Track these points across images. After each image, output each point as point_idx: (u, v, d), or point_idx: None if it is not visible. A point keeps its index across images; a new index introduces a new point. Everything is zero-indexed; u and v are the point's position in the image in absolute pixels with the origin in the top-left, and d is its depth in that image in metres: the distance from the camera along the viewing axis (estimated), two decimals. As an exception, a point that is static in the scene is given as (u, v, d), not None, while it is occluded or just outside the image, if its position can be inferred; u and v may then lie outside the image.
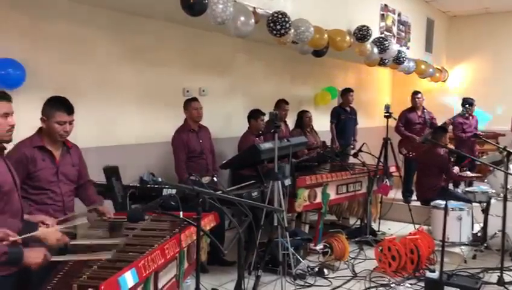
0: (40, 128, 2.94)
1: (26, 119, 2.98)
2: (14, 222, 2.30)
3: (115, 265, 2.29)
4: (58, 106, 2.85)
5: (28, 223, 2.40)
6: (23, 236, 2.25)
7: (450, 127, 7.05)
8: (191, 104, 4.80)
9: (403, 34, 7.90)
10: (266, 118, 5.36)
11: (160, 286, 2.57)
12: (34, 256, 2.16)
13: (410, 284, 4.38)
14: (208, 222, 3.20)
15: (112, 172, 3.62)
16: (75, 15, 4.29)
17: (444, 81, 9.49)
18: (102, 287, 1.94)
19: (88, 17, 4.40)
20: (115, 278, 2.05)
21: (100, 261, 2.33)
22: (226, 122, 5.99)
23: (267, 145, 4.32)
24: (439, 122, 6.95)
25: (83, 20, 4.36)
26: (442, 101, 9.30)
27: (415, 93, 7.12)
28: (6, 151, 2.59)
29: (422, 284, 4.25)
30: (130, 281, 2.13)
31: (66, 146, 3.01)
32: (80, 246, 2.46)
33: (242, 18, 4.23)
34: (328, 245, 4.88)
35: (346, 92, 7.14)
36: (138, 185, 3.92)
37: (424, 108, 7.13)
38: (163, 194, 3.65)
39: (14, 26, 3.86)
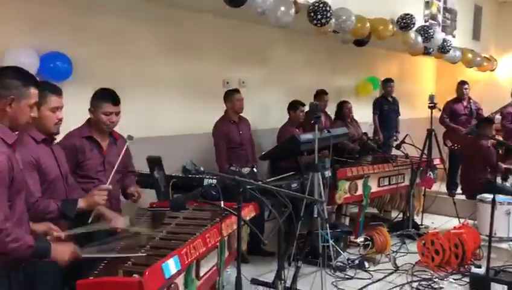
0: (89, 119, 3.04)
1: (72, 111, 3.08)
2: (54, 203, 2.40)
3: (159, 252, 2.34)
4: (104, 97, 2.95)
5: (67, 202, 2.49)
6: (68, 232, 2.32)
7: (498, 117, 6.79)
8: (233, 96, 4.82)
9: (449, 21, 7.65)
10: (306, 109, 5.33)
11: (201, 273, 2.61)
12: (61, 251, 2.14)
13: (454, 279, 4.27)
14: (248, 212, 3.22)
15: (155, 162, 3.69)
16: (119, 9, 4.39)
17: (492, 70, 9.11)
18: (147, 273, 1.99)
19: (131, 11, 4.49)
20: (159, 265, 2.10)
21: (145, 249, 2.39)
22: (264, 114, 5.98)
23: (307, 136, 4.29)
24: (486, 114, 6.71)
25: (126, 14, 4.45)
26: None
27: (462, 83, 6.88)
28: (55, 142, 2.70)
29: (467, 279, 4.14)
30: (173, 268, 2.17)
31: (113, 137, 3.10)
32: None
33: (282, 8, 4.21)
34: (369, 238, 4.82)
35: (386, 82, 7.02)
36: (180, 175, 4.02)
37: (470, 98, 6.88)
38: (204, 184, 3.70)
39: (62, 20, 3.99)
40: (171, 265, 2.16)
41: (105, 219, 2.64)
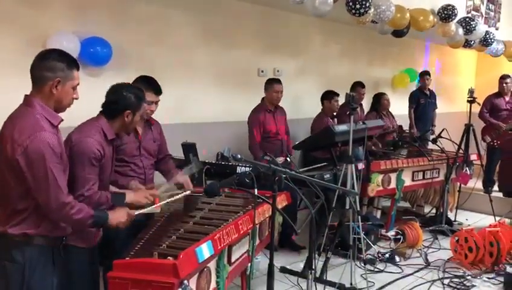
0: None
1: None
2: (104, 193, 2.46)
3: (193, 236, 2.39)
4: (147, 86, 2.97)
5: (116, 195, 2.55)
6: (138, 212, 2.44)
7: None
8: (273, 86, 4.79)
9: (492, 13, 7.39)
10: (340, 99, 5.27)
11: (233, 259, 2.65)
12: (118, 216, 2.31)
13: (488, 278, 4.18)
14: (281, 201, 3.24)
15: (189, 148, 3.75)
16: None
17: (536, 64, 8.76)
18: (181, 256, 2.04)
19: (169, -2, 4.54)
20: (193, 249, 2.14)
21: (179, 233, 2.45)
22: (298, 104, 5.95)
23: (341, 127, 4.25)
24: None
25: (165, 2, 4.50)
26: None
27: (504, 77, 6.64)
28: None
29: (501, 279, 4.05)
30: (206, 253, 2.21)
31: (149, 122, 3.16)
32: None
33: (321, -3, 4.16)
34: (400, 232, 4.77)
35: (423, 75, 6.88)
36: (215, 161, 4.08)
37: None
38: (237, 171, 3.73)
39: (103, 6, 4.07)
40: (205, 249, 2.21)
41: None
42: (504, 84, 6.56)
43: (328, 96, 5.33)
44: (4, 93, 3.08)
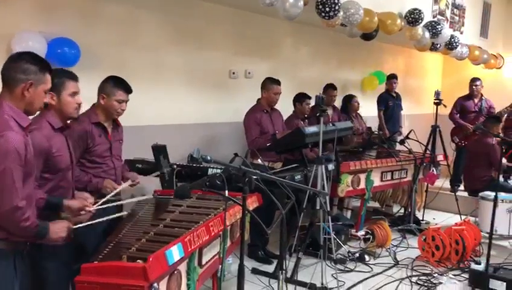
0: (95, 105, 3.06)
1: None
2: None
3: (162, 239, 2.38)
4: (119, 85, 3.01)
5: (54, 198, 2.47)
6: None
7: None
8: (272, 87, 4.69)
9: (457, 18, 7.60)
10: (313, 102, 5.33)
11: (204, 261, 2.65)
12: (58, 230, 2.16)
13: (454, 275, 4.30)
14: (252, 203, 3.25)
15: (159, 150, 3.72)
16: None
17: (499, 68, 9.07)
18: (151, 259, 2.02)
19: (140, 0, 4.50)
20: (162, 252, 2.13)
21: (149, 235, 2.43)
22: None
23: (312, 129, 4.30)
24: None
25: (135, 2, 4.45)
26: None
27: (474, 80, 6.83)
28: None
29: (466, 275, 4.16)
30: (176, 255, 2.20)
31: (115, 123, 3.14)
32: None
33: (291, 0, 4.19)
34: (370, 232, 4.85)
35: (390, 78, 7.01)
36: (185, 164, 4.05)
37: (482, 96, 6.86)
38: (209, 173, 3.72)
39: (71, 6, 3.99)
40: (175, 252, 2.20)
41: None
42: (474, 87, 6.77)
43: (299, 98, 5.37)
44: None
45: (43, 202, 2.32)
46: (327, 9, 4.47)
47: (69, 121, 2.62)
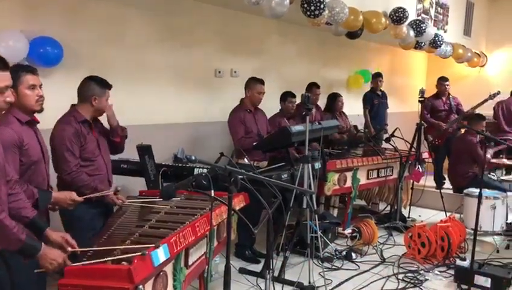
0: (74, 106, 3.04)
1: (62, 97, 3.12)
2: (31, 189, 2.37)
3: (148, 240, 2.35)
4: (106, 84, 3.06)
5: (44, 192, 2.48)
6: (82, 249, 2.22)
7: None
8: (256, 87, 4.65)
9: (441, 16, 7.67)
10: (298, 100, 5.32)
11: (190, 262, 2.62)
12: (54, 256, 2.07)
13: (440, 271, 4.34)
14: (238, 202, 3.24)
15: (145, 150, 3.69)
16: (111, -6, 4.34)
17: (482, 66, 9.18)
18: (136, 261, 1.99)
19: (124, -3, 4.44)
20: (148, 253, 2.10)
21: (134, 237, 2.40)
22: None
23: (298, 127, 4.29)
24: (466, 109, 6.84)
25: (119, 0, 4.40)
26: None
27: (443, 79, 6.95)
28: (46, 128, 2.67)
29: (452, 272, 4.20)
30: (162, 257, 2.18)
31: (97, 119, 3.16)
32: None
33: (276, -2, 4.18)
34: (356, 229, 4.87)
35: (376, 77, 7.05)
36: (170, 164, 4.01)
37: (449, 94, 6.97)
38: (195, 173, 3.69)
39: (54, 4, 3.92)
40: (160, 253, 2.17)
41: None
42: (442, 86, 6.87)
43: (284, 97, 5.35)
44: None
45: (28, 220, 2.19)
46: (312, 7, 4.47)
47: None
